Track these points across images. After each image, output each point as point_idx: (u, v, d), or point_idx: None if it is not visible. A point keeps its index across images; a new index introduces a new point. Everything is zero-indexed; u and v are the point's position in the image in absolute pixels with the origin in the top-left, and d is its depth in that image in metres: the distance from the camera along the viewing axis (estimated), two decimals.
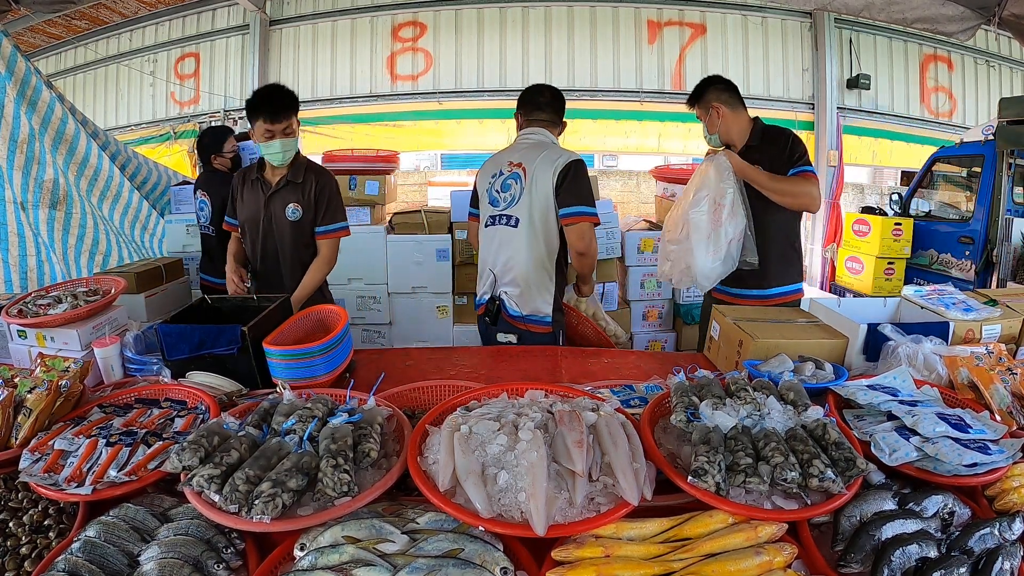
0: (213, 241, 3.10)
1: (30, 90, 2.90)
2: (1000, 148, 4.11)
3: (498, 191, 2.16)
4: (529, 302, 2.12)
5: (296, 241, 2.30)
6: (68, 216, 3.00)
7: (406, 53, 6.65)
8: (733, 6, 6.48)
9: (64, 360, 1.46)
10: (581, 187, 2.03)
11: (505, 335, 2.18)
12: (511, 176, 2.10)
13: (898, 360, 1.54)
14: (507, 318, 2.16)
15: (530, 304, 2.13)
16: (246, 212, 2.32)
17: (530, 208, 2.07)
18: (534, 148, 2.11)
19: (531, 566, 0.97)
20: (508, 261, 2.13)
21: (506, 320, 2.16)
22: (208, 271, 3.22)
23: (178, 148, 7.00)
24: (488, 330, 2.25)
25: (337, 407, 1.26)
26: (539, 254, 2.09)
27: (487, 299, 2.21)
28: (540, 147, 2.11)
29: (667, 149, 6.68)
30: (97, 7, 6.70)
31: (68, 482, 1.10)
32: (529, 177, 2.06)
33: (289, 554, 0.97)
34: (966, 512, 1.08)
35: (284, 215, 2.27)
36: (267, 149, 2.18)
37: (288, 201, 2.27)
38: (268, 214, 2.28)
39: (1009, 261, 3.98)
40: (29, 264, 2.92)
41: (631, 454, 1.06)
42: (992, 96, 6.68)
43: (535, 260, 2.10)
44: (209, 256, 3.21)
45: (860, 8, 3.25)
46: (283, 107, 2.14)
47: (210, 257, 3.19)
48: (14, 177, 2.82)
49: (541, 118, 2.19)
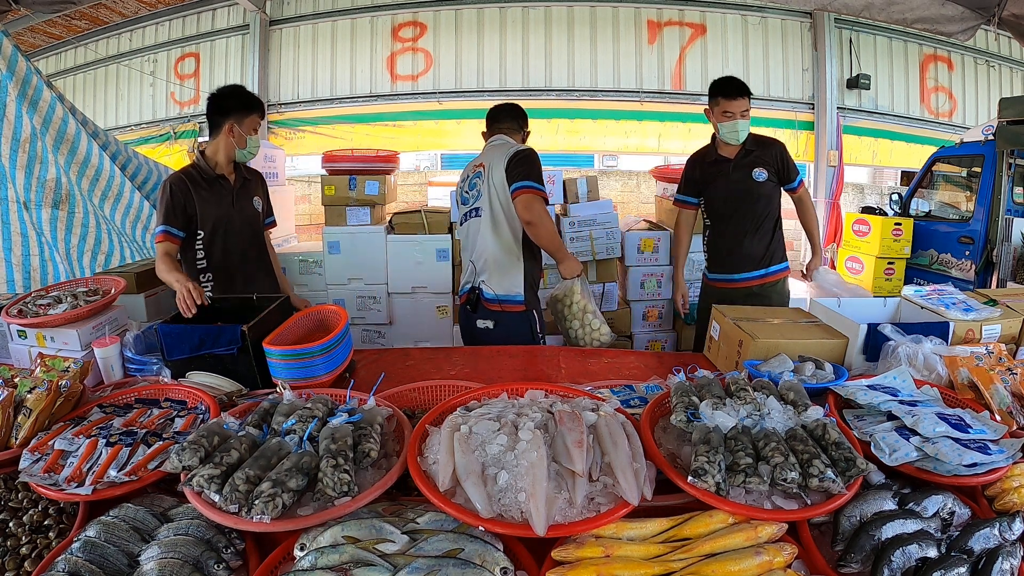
0: None
1: (31, 90, 2.90)
2: (1000, 148, 4.10)
3: (466, 191, 2.40)
4: (501, 283, 2.28)
5: (256, 236, 2.44)
6: (71, 215, 3.00)
7: (406, 53, 6.65)
8: (733, 6, 6.48)
9: (64, 360, 1.46)
10: (527, 167, 2.19)
11: (483, 321, 2.33)
12: (475, 176, 2.32)
13: (898, 360, 1.54)
14: (485, 304, 2.32)
15: (503, 285, 2.28)
16: (213, 213, 2.26)
17: (490, 197, 2.25)
18: (495, 149, 2.31)
19: (531, 566, 0.97)
20: (480, 249, 2.31)
21: (484, 306, 2.32)
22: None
23: (178, 148, 7.00)
24: (468, 319, 2.40)
25: (337, 407, 1.26)
26: (505, 237, 2.26)
27: (468, 288, 2.39)
28: (500, 148, 2.30)
29: (667, 149, 6.67)
30: (97, 7, 6.70)
31: (68, 482, 1.10)
32: (487, 171, 2.27)
33: (289, 554, 0.97)
34: (966, 512, 1.08)
35: (253, 211, 2.41)
36: (251, 144, 2.28)
37: (251, 197, 2.41)
38: (239, 211, 2.34)
39: (1009, 261, 3.98)
40: (32, 264, 2.91)
41: (631, 454, 1.06)
42: (992, 96, 6.68)
43: (502, 244, 2.27)
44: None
45: (860, 8, 3.25)
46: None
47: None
48: (17, 177, 2.82)
49: (503, 127, 2.41)
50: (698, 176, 2.75)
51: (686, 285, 2.91)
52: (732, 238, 2.66)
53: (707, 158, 2.72)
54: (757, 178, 2.59)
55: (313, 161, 6.68)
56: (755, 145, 2.64)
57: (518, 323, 2.30)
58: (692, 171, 2.78)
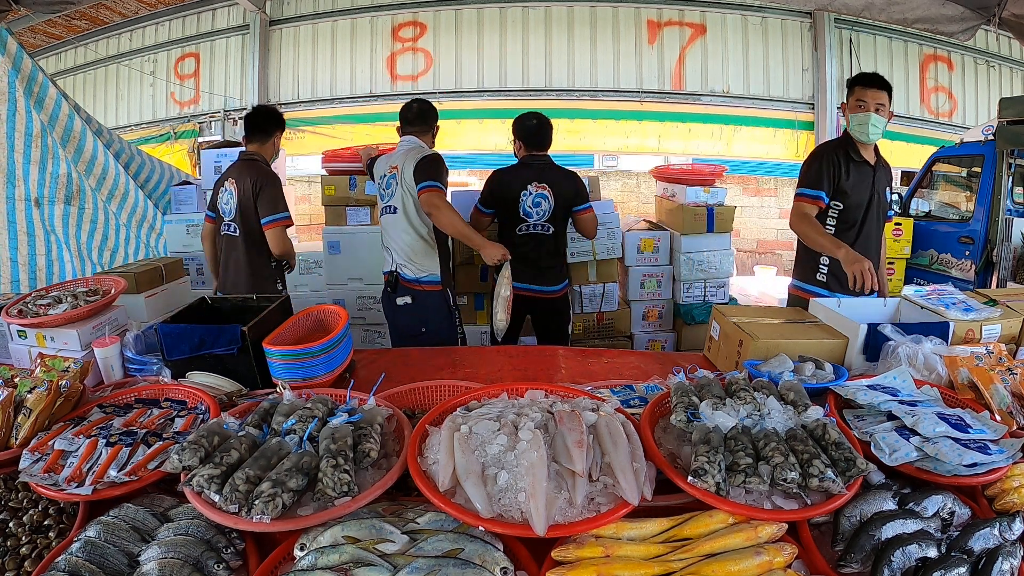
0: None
1: (37, 87, 2.90)
2: (1000, 148, 4.10)
3: (383, 189, 2.62)
4: (419, 266, 2.52)
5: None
6: (81, 211, 3.03)
7: (406, 53, 6.66)
8: (733, 6, 6.48)
9: (64, 360, 1.46)
10: (431, 169, 2.42)
11: (402, 298, 2.56)
12: (391, 176, 2.55)
13: (898, 360, 1.54)
14: (403, 283, 2.55)
15: (420, 268, 2.52)
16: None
17: (403, 196, 2.48)
18: (406, 154, 2.51)
19: (531, 566, 0.97)
20: (396, 240, 2.55)
21: (403, 285, 2.56)
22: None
23: (178, 148, 7.00)
24: (388, 298, 2.62)
25: (337, 407, 1.26)
26: (419, 229, 2.50)
27: (387, 271, 2.62)
28: (410, 152, 2.52)
29: (667, 149, 6.68)
30: (97, 7, 6.71)
31: (68, 482, 1.09)
32: (400, 172, 2.50)
33: (289, 554, 0.97)
34: (966, 512, 1.08)
35: None
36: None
37: None
38: None
39: (1009, 261, 3.98)
40: (38, 264, 2.92)
41: (631, 454, 1.06)
42: (992, 96, 6.68)
43: (416, 234, 2.50)
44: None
45: (860, 8, 3.24)
46: None
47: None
48: (30, 172, 2.83)
49: (413, 129, 2.61)
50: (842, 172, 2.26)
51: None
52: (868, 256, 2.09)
53: (850, 154, 2.28)
54: (888, 198, 2.35)
55: (313, 161, 6.68)
56: (883, 160, 2.37)
57: (434, 299, 2.55)
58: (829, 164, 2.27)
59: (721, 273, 3.84)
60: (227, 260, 2.73)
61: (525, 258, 2.69)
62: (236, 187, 2.60)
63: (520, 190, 2.69)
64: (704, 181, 3.80)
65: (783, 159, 6.70)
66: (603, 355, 2.05)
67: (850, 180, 2.28)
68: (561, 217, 2.75)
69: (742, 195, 6.93)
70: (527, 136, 2.75)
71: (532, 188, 2.69)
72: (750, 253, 7.24)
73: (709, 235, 3.76)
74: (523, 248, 2.70)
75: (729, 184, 5.60)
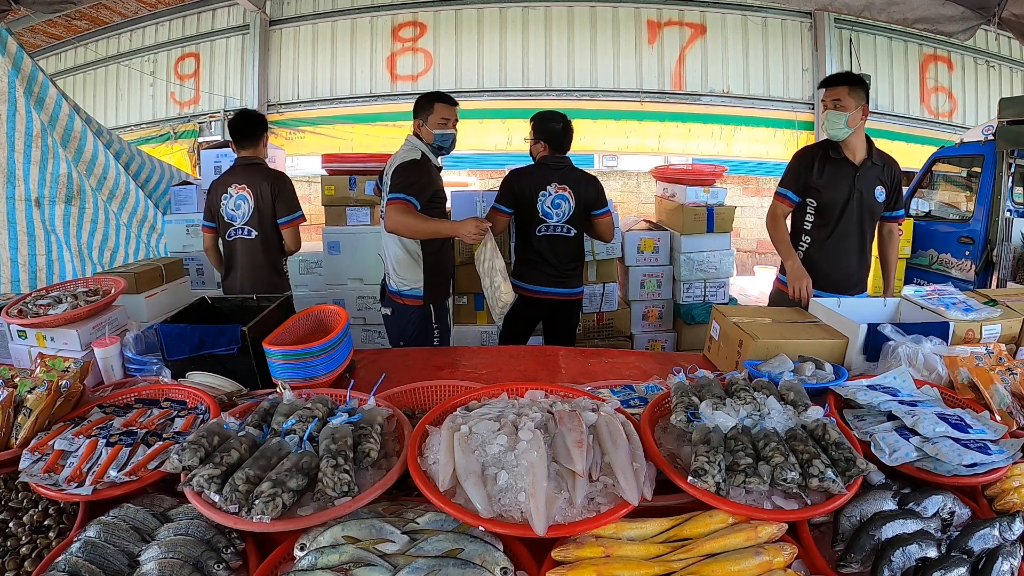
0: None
1: (37, 87, 2.90)
2: (1000, 148, 4.10)
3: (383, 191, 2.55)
4: (401, 281, 2.50)
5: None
6: (82, 211, 3.03)
7: (406, 53, 6.66)
8: (733, 6, 6.48)
9: (64, 360, 1.46)
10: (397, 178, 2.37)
11: (384, 308, 2.59)
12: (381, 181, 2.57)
13: (898, 360, 1.54)
14: (388, 293, 2.55)
15: (404, 280, 2.49)
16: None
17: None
18: (394, 158, 2.51)
19: (531, 566, 0.96)
20: (386, 247, 2.54)
21: (388, 295, 2.56)
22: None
23: (178, 148, 7.00)
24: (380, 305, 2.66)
25: (337, 407, 1.26)
26: (400, 242, 2.45)
27: (382, 277, 2.65)
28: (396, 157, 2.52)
29: (667, 149, 6.68)
30: (97, 7, 6.70)
31: (68, 482, 1.09)
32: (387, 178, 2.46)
33: (289, 554, 0.97)
34: (966, 512, 1.08)
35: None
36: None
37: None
38: None
39: (1009, 261, 3.98)
40: (39, 264, 2.92)
41: (631, 454, 1.06)
42: (992, 96, 6.68)
43: (399, 247, 2.46)
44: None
45: (860, 8, 3.24)
46: None
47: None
48: (31, 172, 2.83)
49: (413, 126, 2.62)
50: (814, 170, 2.36)
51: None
52: (844, 253, 2.37)
53: (828, 153, 2.36)
54: (879, 197, 2.38)
55: (313, 161, 6.68)
56: (879, 159, 2.39)
57: (413, 314, 2.51)
58: (800, 162, 2.41)
59: (721, 273, 3.84)
60: (242, 263, 2.77)
61: (543, 259, 2.66)
62: (251, 192, 2.69)
63: (539, 190, 2.64)
64: (704, 181, 3.80)
65: (783, 159, 6.63)
66: (603, 355, 2.05)
67: (823, 178, 2.37)
68: (583, 219, 2.71)
69: (742, 195, 6.93)
70: (552, 138, 2.68)
71: (552, 189, 2.63)
72: (750, 253, 7.25)
73: (709, 235, 3.77)
74: (541, 249, 2.66)
75: (729, 184, 5.61)
